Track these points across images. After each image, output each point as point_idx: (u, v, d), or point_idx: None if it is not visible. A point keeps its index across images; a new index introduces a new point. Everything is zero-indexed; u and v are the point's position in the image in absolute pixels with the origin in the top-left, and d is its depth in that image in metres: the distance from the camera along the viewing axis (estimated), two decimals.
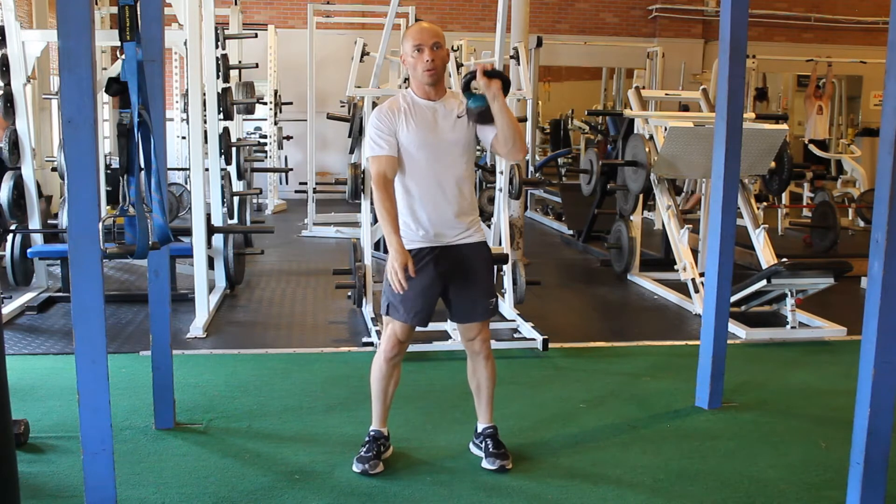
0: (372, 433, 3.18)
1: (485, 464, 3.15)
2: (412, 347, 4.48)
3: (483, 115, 2.94)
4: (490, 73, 2.90)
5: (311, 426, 3.58)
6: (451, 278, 3.06)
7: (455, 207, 3.02)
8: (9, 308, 5.38)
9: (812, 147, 10.53)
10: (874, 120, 11.66)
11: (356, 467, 3.09)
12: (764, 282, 5.22)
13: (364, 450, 3.13)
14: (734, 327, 5.08)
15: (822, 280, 5.25)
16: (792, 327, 5.17)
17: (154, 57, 3.19)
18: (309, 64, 9.82)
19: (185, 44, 5.23)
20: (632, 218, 6.85)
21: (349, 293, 5.61)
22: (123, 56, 2.63)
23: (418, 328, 3.12)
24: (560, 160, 12.77)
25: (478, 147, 3.23)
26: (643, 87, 7.95)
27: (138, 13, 2.64)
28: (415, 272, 2.90)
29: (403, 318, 3.04)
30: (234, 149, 7.26)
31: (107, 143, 8.24)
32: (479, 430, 3.25)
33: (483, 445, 3.20)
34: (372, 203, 4.04)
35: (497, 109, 2.90)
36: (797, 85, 13.42)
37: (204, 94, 5.50)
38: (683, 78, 12.65)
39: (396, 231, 2.91)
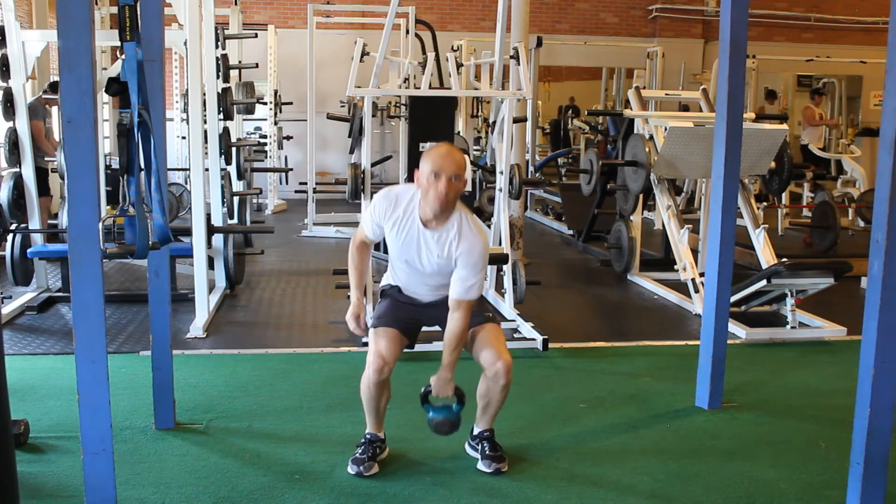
0: (368, 436, 3.17)
1: (480, 466, 3.14)
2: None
3: (441, 426, 2.99)
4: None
5: (311, 426, 3.58)
6: (432, 311, 3.12)
7: (432, 294, 3.11)
8: (9, 308, 5.38)
9: (812, 147, 10.54)
10: (874, 120, 11.63)
11: (351, 469, 3.09)
12: (764, 282, 5.22)
13: (359, 451, 3.13)
14: (734, 327, 5.08)
15: (822, 280, 5.25)
16: (792, 327, 5.17)
17: (154, 57, 3.19)
18: (309, 64, 9.82)
19: (185, 44, 5.23)
20: (632, 218, 6.85)
21: (349, 293, 5.60)
22: (123, 56, 2.62)
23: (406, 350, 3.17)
24: (560, 160, 12.78)
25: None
26: (643, 87, 7.95)
27: (138, 13, 2.64)
28: (363, 326, 3.20)
29: (385, 323, 3.07)
30: (234, 149, 7.26)
31: (107, 143, 8.23)
32: (476, 432, 3.24)
33: (479, 447, 3.19)
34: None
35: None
36: (797, 85, 13.43)
37: (204, 94, 5.50)
38: (683, 78, 12.65)
39: (358, 287, 3.18)
